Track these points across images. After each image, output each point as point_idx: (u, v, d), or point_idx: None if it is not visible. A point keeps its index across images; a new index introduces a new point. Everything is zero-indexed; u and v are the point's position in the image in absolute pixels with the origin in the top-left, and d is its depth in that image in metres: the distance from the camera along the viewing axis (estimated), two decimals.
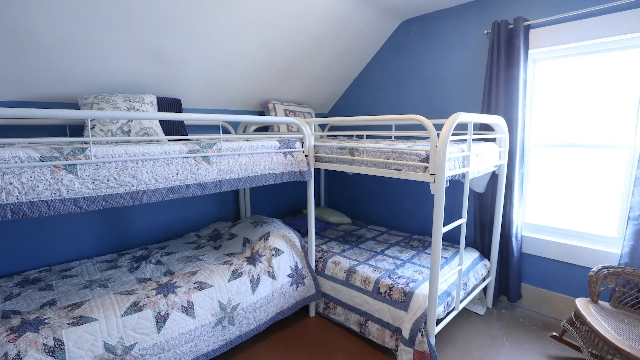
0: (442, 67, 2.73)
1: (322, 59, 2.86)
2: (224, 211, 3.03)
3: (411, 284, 1.96)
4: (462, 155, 1.82)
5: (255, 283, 2.04)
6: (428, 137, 2.52)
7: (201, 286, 1.86)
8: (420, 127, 2.79)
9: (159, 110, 2.18)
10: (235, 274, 2.00)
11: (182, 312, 1.74)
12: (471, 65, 2.58)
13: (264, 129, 3.08)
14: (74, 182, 1.33)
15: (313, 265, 2.39)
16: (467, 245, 2.60)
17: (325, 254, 2.48)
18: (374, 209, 3.36)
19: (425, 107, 2.87)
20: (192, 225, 2.84)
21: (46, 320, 1.49)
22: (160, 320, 1.67)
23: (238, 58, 2.41)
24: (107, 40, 1.86)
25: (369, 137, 2.95)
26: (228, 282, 1.95)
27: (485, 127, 2.42)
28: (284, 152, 2.09)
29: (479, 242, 2.53)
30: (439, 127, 1.77)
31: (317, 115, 3.60)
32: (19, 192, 1.22)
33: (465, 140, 2.03)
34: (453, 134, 2.37)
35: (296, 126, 2.20)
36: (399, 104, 3.03)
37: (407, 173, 1.77)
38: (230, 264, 2.08)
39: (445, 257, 2.32)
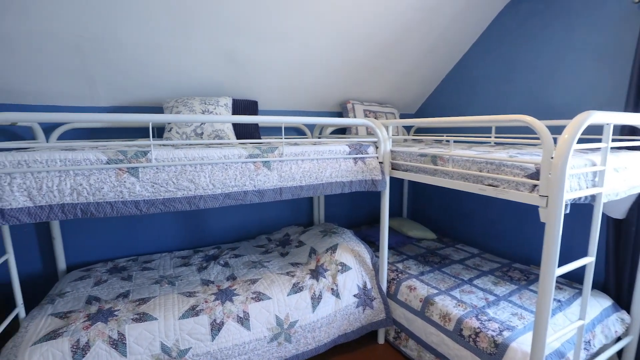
0: (563, 53, 2.12)
1: (408, 53, 2.53)
2: (298, 215, 2.95)
3: (506, 333, 1.53)
4: (593, 170, 1.32)
5: (316, 300, 1.87)
6: (539, 144, 1.99)
7: (259, 297, 1.77)
8: (528, 131, 2.23)
9: (233, 113, 2.18)
10: (296, 288, 1.87)
11: (238, 322, 1.67)
12: (608, 47, 1.93)
13: (343, 131, 2.90)
14: (135, 185, 1.35)
15: (384, 286, 2.10)
16: (594, 287, 1.97)
17: (399, 274, 2.16)
18: (465, 225, 2.87)
19: (536, 106, 2.28)
20: (266, 227, 2.83)
21: (116, 312, 1.58)
22: (215, 328, 1.62)
23: (314, 56, 2.27)
24: (185, 45, 1.91)
25: (460, 142, 2.51)
26: (287, 295, 1.82)
27: (631, 131, 1.78)
28: (354, 158, 1.87)
29: (613, 285, 1.89)
30: (555, 131, 1.32)
31: (403, 116, 3.26)
32: (87, 193, 1.28)
33: (598, 149, 1.50)
34: (579, 141, 1.80)
35: (370, 128, 1.96)
36: (501, 102, 2.50)
37: (507, 191, 1.36)
38: (292, 276, 1.95)
39: (559, 301, 1.78)
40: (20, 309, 1.64)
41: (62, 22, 1.61)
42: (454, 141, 1.86)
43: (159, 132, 2.24)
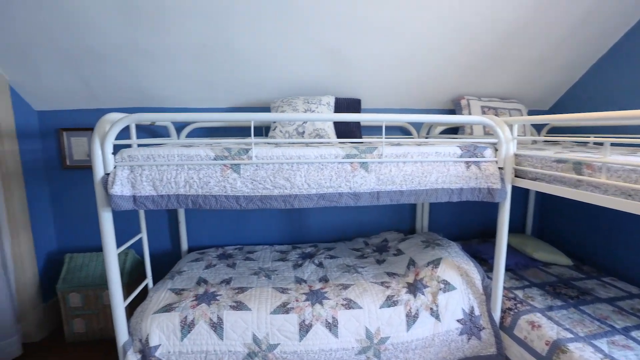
0: None
1: (543, 36, 2.07)
2: (399, 220, 2.76)
3: None
4: None
5: (412, 318, 1.69)
6: None
7: (349, 305, 1.69)
8: None
9: (336, 111, 2.14)
10: (390, 301, 1.71)
11: (326, 327, 1.62)
12: None
13: (455, 131, 2.58)
14: (237, 181, 1.41)
15: (497, 316, 1.77)
16: None
17: (518, 304, 1.79)
18: (617, 253, 2.22)
19: None
20: (364, 230, 2.73)
21: (218, 297, 1.71)
22: (304, 328, 1.60)
23: (424, 49, 2.06)
24: (290, 46, 1.95)
25: (617, 145, 1.94)
26: (380, 308, 1.69)
27: None
28: (467, 162, 1.61)
29: None
30: None
31: (532, 113, 2.72)
32: (197, 186, 1.40)
33: None
34: None
35: (488, 127, 1.65)
36: None
37: None
38: (387, 287, 1.81)
39: None
40: (149, 280, 1.93)
41: (190, 35, 1.82)
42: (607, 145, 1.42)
43: (267, 131, 2.37)
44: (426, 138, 2.48)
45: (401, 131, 2.60)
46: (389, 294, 1.76)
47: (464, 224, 2.83)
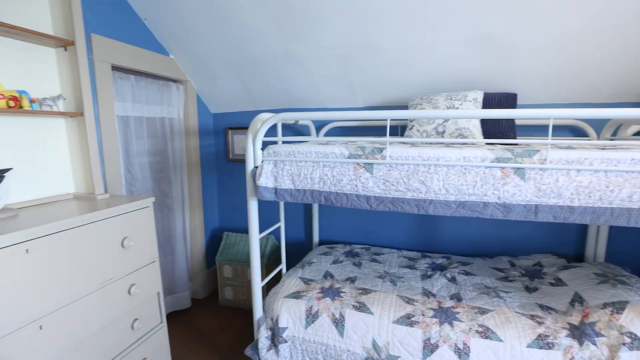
0: None
1: None
2: (559, 241, 2.23)
3: None
4: None
5: None
6: None
7: (486, 334, 1.44)
8: None
9: (484, 108, 1.87)
10: (542, 342, 1.38)
11: (455, 352, 1.43)
12: None
13: None
14: (369, 181, 1.38)
15: None
16: None
17: None
18: None
19: None
20: (509, 248, 2.32)
21: (342, 294, 1.72)
22: (428, 347, 1.46)
23: (607, 22, 1.56)
24: (433, 39, 1.80)
25: None
26: (526, 347, 1.38)
27: None
28: None
29: None
30: None
31: None
32: (330, 183, 1.44)
33: None
34: None
35: None
36: None
37: None
38: (539, 323, 1.47)
39: None
40: (283, 266, 2.12)
41: (331, 37, 1.89)
42: None
43: (403, 131, 2.26)
44: (610, 140, 1.90)
45: (571, 132, 2.08)
46: (541, 332, 1.42)
47: None
